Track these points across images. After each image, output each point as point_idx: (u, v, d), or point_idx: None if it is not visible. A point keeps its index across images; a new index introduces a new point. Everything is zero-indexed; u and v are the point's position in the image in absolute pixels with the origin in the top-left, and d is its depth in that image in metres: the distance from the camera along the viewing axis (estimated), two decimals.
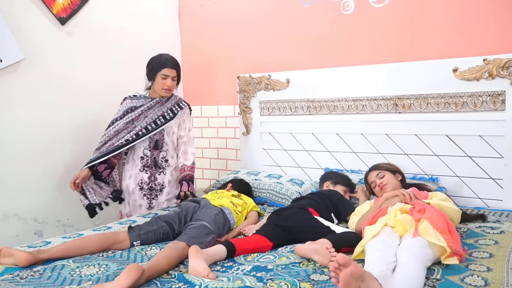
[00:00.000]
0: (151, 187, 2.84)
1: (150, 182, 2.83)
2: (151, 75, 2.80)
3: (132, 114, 2.80)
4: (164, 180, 2.87)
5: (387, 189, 2.34)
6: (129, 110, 2.80)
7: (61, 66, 2.99)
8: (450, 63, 2.56)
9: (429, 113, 2.66)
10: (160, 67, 2.75)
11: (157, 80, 2.77)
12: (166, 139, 2.85)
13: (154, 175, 2.84)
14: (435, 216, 1.79)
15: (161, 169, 2.85)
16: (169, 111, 2.85)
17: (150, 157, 2.82)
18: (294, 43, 3.28)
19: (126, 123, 2.78)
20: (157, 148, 2.83)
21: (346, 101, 2.93)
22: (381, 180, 2.41)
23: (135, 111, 2.80)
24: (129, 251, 2.01)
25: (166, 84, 2.77)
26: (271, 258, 1.88)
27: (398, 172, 2.48)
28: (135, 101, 2.83)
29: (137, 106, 2.81)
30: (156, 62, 2.78)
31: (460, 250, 1.72)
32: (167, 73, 2.76)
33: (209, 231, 2.08)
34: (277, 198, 2.87)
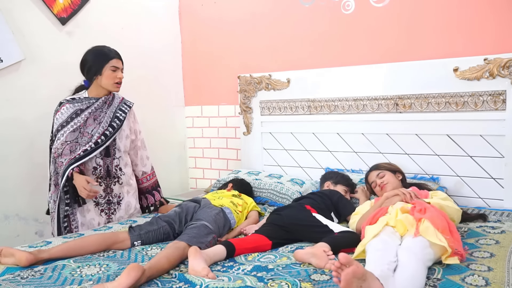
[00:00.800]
0: (108, 200, 2.52)
1: (106, 195, 2.51)
2: (97, 69, 2.42)
3: (79, 119, 2.43)
4: (121, 190, 2.56)
5: (387, 189, 2.34)
6: (73, 115, 2.43)
7: (62, 66, 2.98)
8: (450, 62, 2.56)
9: (429, 112, 2.65)
10: (108, 58, 2.43)
11: (106, 73, 2.43)
12: (118, 145, 2.54)
13: (110, 186, 2.51)
14: (436, 216, 1.79)
15: (115, 179, 2.54)
16: (119, 111, 2.54)
17: (103, 166, 2.49)
18: (295, 42, 3.28)
19: (73, 130, 2.41)
20: (109, 156, 2.51)
21: (347, 101, 2.93)
22: (381, 179, 2.41)
23: (81, 115, 2.43)
24: (129, 251, 2.01)
25: (117, 76, 2.45)
26: (271, 258, 1.88)
27: (398, 172, 2.48)
28: (77, 104, 2.45)
29: (82, 109, 2.44)
30: (100, 53, 2.45)
31: (461, 250, 1.71)
32: (116, 65, 2.45)
33: (209, 231, 2.08)
34: (278, 198, 2.87)
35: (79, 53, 3.08)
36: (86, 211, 2.47)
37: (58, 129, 2.42)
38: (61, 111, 2.45)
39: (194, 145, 3.95)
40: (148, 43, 3.55)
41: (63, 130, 2.42)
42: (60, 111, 2.46)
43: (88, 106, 2.47)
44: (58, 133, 2.42)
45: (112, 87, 2.49)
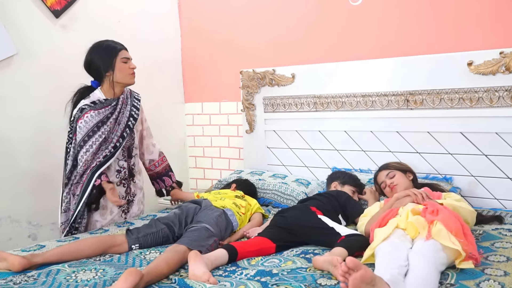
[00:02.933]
0: (128, 200, 2.62)
1: (126, 195, 2.61)
2: (108, 65, 2.41)
3: (106, 128, 2.42)
4: (135, 188, 2.65)
5: (397, 190, 2.33)
6: (99, 123, 2.40)
7: (56, 61, 2.99)
8: (464, 56, 2.55)
9: (442, 109, 2.64)
10: (116, 51, 2.43)
11: (119, 66, 2.42)
12: (136, 142, 2.62)
13: (129, 186, 2.61)
14: (449, 218, 1.79)
15: (132, 178, 2.63)
16: (133, 108, 2.57)
17: (127, 168, 2.58)
18: (300, 36, 3.27)
19: (103, 140, 2.41)
20: (130, 156, 2.59)
21: (355, 97, 2.92)
22: (391, 180, 2.40)
23: (107, 123, 2.42)
24: (127, 255, 2.01)
25: (130, 67, 2.45)
26: (276, 262, 1.88)
27: (409, 172, 2.47)
28: (101, 110, 2.42)
29: (108, 116, 2.43)
30: (107, 48, 2.43)
31: (475, 253, 1.71)
32: (126, 55, 2.46)
33: (210, 233, 2.08)
34: (282, 199, 2.87)
35: (75, 48, 3.08)
36: (109, 213, 2.53)
37: (85, 140, 2.38)
38: (85, 119, 2.38)
39: (194, 143, 3.95)
40: (146, 37, 3.55)
41: (91, 141, 2.38)
42: (83, 118, 2.38)
43: (112, 112, 2.45)
44: (85, 144, 2.38)
45: (128, 79, 2.47)
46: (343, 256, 1.73)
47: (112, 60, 2.42)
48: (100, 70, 2.43)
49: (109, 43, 2.47)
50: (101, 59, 2.43)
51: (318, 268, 1.75)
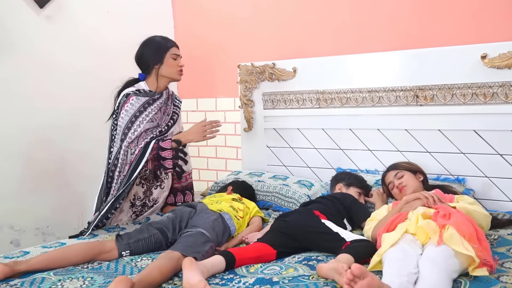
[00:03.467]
0: (144, 203, 2.70)
1: (144, 197, 2.69)
2: (158, 58, 2.60)
3: (151, 109, 2.59)
4: (160, 195, 2.75)
5: (406, 191, 2.33)
6: (145, 105, 2.57)
7: (40, 54, 2.99)
8: (478, 49, 2.55)
9: (454, 105, 2.65)
10: (168, 46, 2.63)
11: (168, 62, 2.61)
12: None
13: (150, 189, 2.69)
14: (462, 222, 1.79)
15: (158, 182, 2.72)
16: (174, 106, 2.77)
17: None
18: (302, 27, 3.27)
19: (150, 121, 2.57)
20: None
21: (361, 93, 2.93)
22: (400, 180, 2.41)
23: (152, 106, 2.60)
24: (117, 262, 2.01)
25: (178, 64, 2.65)
26: (276, 269, 1.88)
27: (419, 172, 2.47)
28: (144, 97, 2.59)
29: (150, 102, 2.60)
30: (158, 42, 2.64)
31: (490, 260, 1.71)
32: (177, 52, 2.65)
33: (206, 239, 2.08)
34: (283, 202, 2.88)
35: (60, 40, 3.10)
36: (119, 212, 2.60)
37: (132, 121, 2.53)
38: (131, 101, 2.55)
39: None
40: (136, 28, 3.54)
41: (138, 121, 2.55)
42: (129, 102, 2.55)
43: (156, 99, 2.63)
44: (133, 125, 2.53)
45: (176, 75, 2.66)
46: (349, 263, 1.73)
47: (163, 54, 2.61)
48: (149, 62, 2.61)
49: (161, 38, 2.66)
50: (152, 51, 2.61)
51: (323, 276, 1.75)
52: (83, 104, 3.16)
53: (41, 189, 2.97)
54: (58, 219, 3.01)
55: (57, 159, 3.05)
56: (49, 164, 3.03)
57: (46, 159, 3.03)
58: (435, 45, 2.73)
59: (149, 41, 2.65)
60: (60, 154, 3.06)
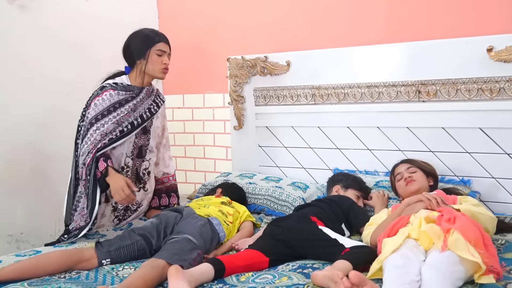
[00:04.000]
0: (127, 207, 2.71)
1: None
2: (141, 53, 2.60)
3: (122, 110, 2.57)
4: (144, 198, 2.77)
5: (412, 187, 2.37)
6: (116, 104, 2.56)
7: (11, 47, 2.96)
8: (483, 41, 2.56)
9: (459, 101, 2.66)
10: (154, 41, 2.61)
11: (152, 58, 2.60)
12: (151, 144, 2.74)
13: (133, 192, 2.57)
14: (467, 226, 1.80)
15: (141, 184, 2.74)
16: (153, 103, 2.73)
17: (132, 167, 2.67)
18: (296, 17, 3.27)
19: (116, 123, 2.54)
20: (140, 157, 2.70)
21: (359, 88, 2.93)
22: (410, 174, 2.42)
23: (125, 106, 2.58)
24: (96, 271, 2.00)
25: (163, 62, 2.63)
26: (269, 278, 1.88)
27: (432, 177, 2.48)
28: (122, 92, 2.59)
29: (127, 99, 2.59)
30: (145, 36, 2.62)
31: (497, 266, 1.72)
32: (163, 48, 2.63)
33: (193, 246, 2.08)
34: (276, 206, 2.88)
35: (33, 32, 3.07)
36: (99, 216, 2.57)
37: (98, 118, 2.51)
38: (103, 97, 2.54)
39: (175, 142, 3.94)
40: (118, 19, 3.52)
41: (104, 120, 2.52)
42: (101, 96, 2.54)
43: (133, 97, 2.62)
44: (97, 122, 2.50)
45: (158, 73, 2.65)
46: (346, 270, 1.73)
47: (147, 49, 2.59)
48: (133, 57, 2.62)
49: (149, 32, 2.65)
50: (137, 45, 2.60)
51: (318, 285, 1.74)
52: (59, 101, 3.14)
53: (14, 192, 2.95)
54: (33, 225, 2.99)
55: (31, 160, 3.02)
56: (23, 166, 3.00)
57: (19, 161, 3.00)
58: (439, 37, 2.74)
59: (136, 33, 2.64)
60: (34, 155, 3.03)
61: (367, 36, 3.01)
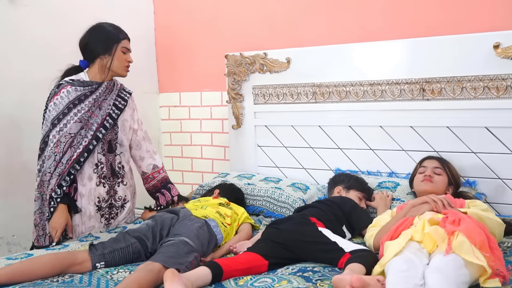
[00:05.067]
0: (110, 204, 2.71)
1: (109, 198, 2.70)
2: (107, 49, 2.59)
3: (82, 106, 2.56)
4: (126, 192, 2.77)
5: (427, 186, 2.38)
6: (76, 101, 2.55)
7: (4, 41, 2.95)
8: (490, 37, 2.57)
9: (464, 100, 2.66)
10: (119, 38, 2.62)
11: (117, 55, 2.61)
12: (121, 138, 2.72)
13: (114, 188, 2.71)
14: (472, 228, 1.80)
15: (119, 179, 2.74)
16: (119, 98, 2.73)
17: (106, 163, 2.67)
18: (296, 13, 3.27)
19: (79, 121, 2.54)
20: (111, 151, 2.69)
21: (361, 86, 2.93)
22: (434, 174, 2.42)
23: (85, 101, 2.57)
24: (90, 274, 2.00)
25: (127, 60, 2.66)
26: (268, 282, 1.88)
27: (454, 187, 2.47)
28: (80, 88, 2.57)
29: (87, 94, 2.58)
30: (110, 32, 2.62)
31: (503, 270, 1.72)
32: (127, 46, 2.66)
33: (190, 248, 2.08)
34: (276, 207, 2.88)
35: (26, 26, 3.06)
36: (86, 218, 2.61)
37: (59, 118, 2.52)
38: (61, 94, 2.55)
39: (171, 141, 3.94)
40: (112, 14, 3.51)
41: (66, 119, 2.53)
42: (59, 94, 2.55)
43: (92, 92, 2.61)
44: (59, 123, 2.52)
45: (122, 71, 2.67)
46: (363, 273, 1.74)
47: (113, 46, 2.60)
48: (95, 52, 2.61)
49: (112, 28, 2.64)
50: (100, 41, 2.60)
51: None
52: None
53: (5, 194, 2.95)
54: (24, 228, 2.98)
55: (22, 160, 3.02)
56: (14, 166, 3.00)
57: (9, 161, 3.00)
58: (443, 33, 2.75)
59: (98, 28, 2.63)
60: (26, 153, 3.02)
61: (370, 32, 3.01)
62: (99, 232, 2.61)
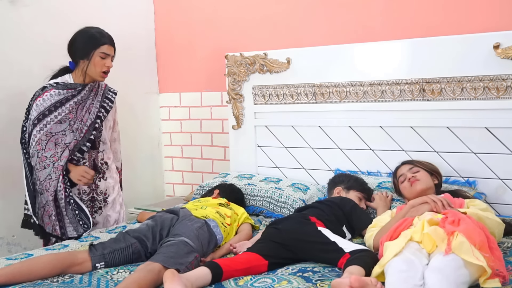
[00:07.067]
0: (92, 197, 2.81)
1: (90, 191, 2.80)
2: (85, 53, 2.66)
3: (63, 109, 2.66)
4: (107, 186, 2.87)
5: (417, 186, 2.37)
6: (57, 104, 2.65)
7: (3, 41, 2.96)
8: (490, 37, 2.57)
9: (464, 100, 2.66)
10: (98, 43, 2.66)
11: (94, 60, 2.66)
12: (104, 136, 2.84)
13: (95, 182, 2.80)
14: (472, 229, 1.80)
15: (100, 174, 2.84)
16: (106, 99, 2.84)
17: (89, 159, 2.77)
18: (296, 13, 3.28)
19: (59, 122, 2.65)
20: (94, 148, 2.79)
21: (361, 86, 2.94)
22: (413, 174, 2.43)
23: (66, 104, 2.67)
24: (90, 275, 2.01)
25: (106, 65, 2.70)
26: (268, 282, 1.88)
27: (436, 175, 2.48)
28: (63, 91, 2.67)
29: (68, 97, 2.67)
30: (90, 36, 2.68)
31: (503, 270, 1.73)
32: (107, 51, 2.69)
33: (190, 249, 2.08)
34: (276, 208, 2.88)
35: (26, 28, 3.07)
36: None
37: (40, 118, 2.62)
38: (44, 97, 2.64)
39: (171, 142, 3.94)
40: (112, 15, 3.52)
41: (46, 120, 2.63)
42: (42, 97, 2.64)
43: (74, 95, 2.70)
44: (39, 123, 2.62)
45: (97, 76, 2.72)
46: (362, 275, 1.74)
47: (91, 51, 2.66)
48: (76, 55, 2.70)
49: (96, 32, 2.71)
50: (81, 44, 2.68)
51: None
52: None
53: (5, 194, 2.95)
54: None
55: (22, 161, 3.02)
56: (14, 167, 3.00)
57: (9, 161, 3.00)
58: (444, 33, 2.75)
59: (82, 32, 2.70)
60: None
61: (370, 32, 3.01)
62: (99, 232, 2.62)
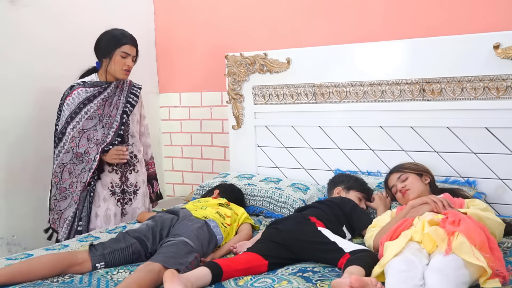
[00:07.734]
0: (123, 189, 2.93)
1: (121, 183, 2.92)
2: (107, 52, 2.81)
3: (92, 106, 2.82)
4: (137, 179, 2.99)
5: (410, 196, 2.35)
6: (85, 101, 2.81)
7: (3, 42, 2.96)
8: (490, 37, 2.57)
9: (464, 100, 2.66)
10: (120, 43, 2.80)
11: (115, 59, 2.81)
12: (132, 130, 2.97)
13: (125, 175, 2.94)
14: (472, 229, 1.80)
15: (131, 167, 2.96)
16: (131, 95, 2.97)
17: None
18: (296, 13, 3.28)
19: (90, 118, 2.81)
20: (123, 142, 2.91)
21: (361, 86, 2.94)
22: (403, 184, 2.42)
23: (94, 101, 2.83)
24: (90, 275, 2.01)
25: (126, 63, 2.83)
26: (268, 282, 1.88)
27: (426, 174, 2.48)
28: (90, 89, 2.83)
29: (95, 94, 2.83)
30: (113, 36, 2.82)
31: (503, 270, 1.72)
32: (128, 51, 2.82)
33: (190, 249, 2.08)
34: (276, 208, 2.88)
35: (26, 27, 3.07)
36: (102, 200, 2.85)
37: (72, 116, 2.79)
38: (72, 96, 2.80)
39: (171, 142, 3.94)
40: (112, 15, 3.52)
41: (78, 118, 2.79)
42: (71, 95, 2.80)
43: (100, 92, 2.85)
44: (72, 120, 2.78)
45: (119, 74, 2.85)
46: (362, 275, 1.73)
47: (112, 50, 2.80)
48: (100, 54, 2.85)
49: (118, 33, 2.84)
50: (104, 44, 2.83)
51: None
52: (51, 99, 3.12)
53: (6, 194, 2.95)
54: (24, 228, 2.99)
55: (23, 161, 3.02)
56: (14, 165, 3.01)
57: (10, 161, 3.01)
58: (444, 33, 2.75)
59: (107, 33, 2.85)
60: (25, 154, 3.03)
61: (370, 32, 3.01)
62: (99, 232, 2.62)
